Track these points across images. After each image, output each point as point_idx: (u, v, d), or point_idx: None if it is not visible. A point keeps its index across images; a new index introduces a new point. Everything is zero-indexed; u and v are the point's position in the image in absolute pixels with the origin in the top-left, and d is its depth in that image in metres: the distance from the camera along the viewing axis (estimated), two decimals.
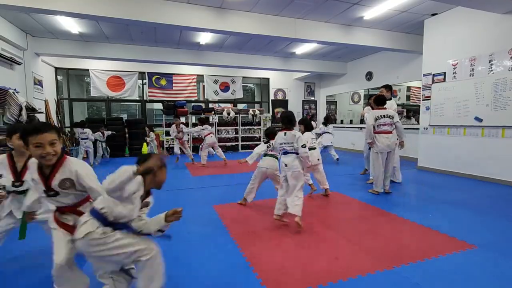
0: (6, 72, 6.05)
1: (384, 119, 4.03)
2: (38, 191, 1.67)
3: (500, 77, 4.82)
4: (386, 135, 4.02)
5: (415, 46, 6.99)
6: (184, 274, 2.06)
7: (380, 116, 4.04)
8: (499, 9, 4.68)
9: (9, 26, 6.03)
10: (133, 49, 7.96)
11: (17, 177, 2.06)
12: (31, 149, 1.51)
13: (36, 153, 1.51)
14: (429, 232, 2.77)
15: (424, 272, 2.05)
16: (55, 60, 8.48)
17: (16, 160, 2.07)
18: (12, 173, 2.06)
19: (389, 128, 4.04)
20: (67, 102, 9.20)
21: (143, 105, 10.17)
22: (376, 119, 4.05)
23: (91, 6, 4.83)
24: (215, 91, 10.57)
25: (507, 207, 3.59)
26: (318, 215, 3.31)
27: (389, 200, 3.91)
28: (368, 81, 9.37)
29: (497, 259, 2.24)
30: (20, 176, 2.06)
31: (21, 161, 2.06)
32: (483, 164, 5.13)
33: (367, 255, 2.31)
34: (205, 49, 8.46)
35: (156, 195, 1.78)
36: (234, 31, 5.84)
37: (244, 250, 2.42)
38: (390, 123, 4.04)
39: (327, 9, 5.70)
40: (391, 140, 4.01)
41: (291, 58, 9.63)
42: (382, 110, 4.11)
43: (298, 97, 11.87)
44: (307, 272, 2.06)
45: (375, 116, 4.06)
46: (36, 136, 1.48)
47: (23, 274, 2.11)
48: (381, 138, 4.03)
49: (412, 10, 5.67)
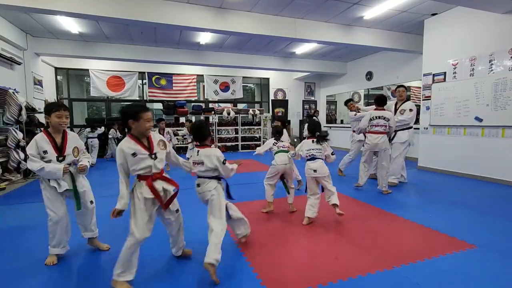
0: (6, 72, 6.05)
1: (378, 120, 4.14)
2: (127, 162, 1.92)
3: (500, 77, 4.82)
4: (377, 136, 4.13)
5: (415, 46, 6.99)
6: (184, 274, 2.06)
7: (376, 117, 4.16)
8: (499, 9, 4.68)
9: (9, 26, 6.04)
10: (133, 49, 7.96)
11: (60, 152, 2.21)
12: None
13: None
14: (429, 232, 2.77)
15: (424, 272, 2.05)
16: (55, 60, 8.49)
17: (55, 137, 2.21)
18: (55, 148, 2.19)
19: (381, 129, 4.14)
20: (67, 102, 9.18)
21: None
22: (370, 120, 4.21)
23: (91, 6, 4.83)
24: (215, 91, 10.57)
25: (507, 207, 3.59)
26: (318, 215, 3.31)
27: (389, 200, 3.91)
28: (368, 81, 9.37)
29: (497, 259, 2.24)
30: (62, 151, 2.22)
31: (58, 137, 2.22)
32: (483, 164, 5.12)
33: (367, 255, 2.31)
34: (205, 49, 8.46)
35: None
36: (234, 31, 5.84)
37: (244, 250, 2.42)
38: (383, 125, 4.13)
39: (327, 9, 5.70)
40: (380, 141, 4.10)
41: (291, 58, 9.63)
42: (379, 111, 4.20)
43: (298, 97, 11.87)
44: (307, 272, 2.06)
45: (371, 116, 4.20)
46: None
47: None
48: (371, 137, 4.18)
49: (412, 10, 5.67)
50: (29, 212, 3.55)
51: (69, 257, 2.34)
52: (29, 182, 5.34)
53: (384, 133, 4.14)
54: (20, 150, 5.45)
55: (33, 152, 2.13)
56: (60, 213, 2.21)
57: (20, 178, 5.53)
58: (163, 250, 2.37)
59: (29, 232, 2.29)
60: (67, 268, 2.20)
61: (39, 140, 2.16)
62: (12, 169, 5.37)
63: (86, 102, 10.77)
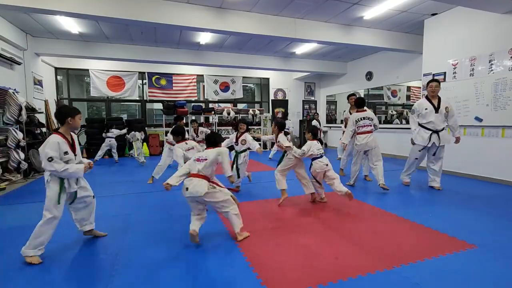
0: (6, 72, 6.05)
1: (364, 121, 4.43)
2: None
3: (500, 77, 4.82)
4: (365, 135, 4.40)
5: (415, 46, 6.99)
6: (184, 274, 2.06)
7: (360, 119, 4.45)
8: (499, 9, 4.68)
9: (9, 26, 6.03)
10: (133, 49, 7.96)
11: (73, 150, 2.39)
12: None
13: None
14: (429, 232, 2.77)
15: (424, 272, 2.05)
16: (55, 60, 8.49)
17: (67, 137, 2.37)
18: (70, 148, 2.36)
19: (369, 129, 4.44)
20: (67, 102, 9.18)
21: (143, 105, 10.17)
22: (356, 122, 4.46)
23: (91, 6, 4.83)
24: (215, 91, 10.57)
25: (507, 207, 3.59)
26: (318, 215, 3.31)
27: (389, 200, 3.92)
28: (368, 81, 9.37)
29: (497, 259, 2.23)
30: (74, 151, 2.40)
31: (69, 138, 2.40)
32: (483, 164, 5.12)
33: (367, 255, 2.31)
34: (205, 49, 8.45)
35: (156, 195, 1.77)
36: (234, 31, 5.83)
37: (244, 250, 2.42)
38: (369, 124, 4.43)
39: (327, 9, 5.70)
40: (369, 139, 4.36)
41: (291, 58, 9.63)
42: (362, 112, 4.49)
43: (298, 97, 11.87)
44: (307, 272, 2.06)
45: (355, 119, 4.45)
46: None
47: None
48: (360, 137, 4.44)
49: (412, 10, 5.67)
50: (29, 212, 3.55)
51: (65, 253, 2.35)
52: (29, 182, 5.34)
53: (371, 132, 4.42)
54: (20, 150, 5.46)
55: (56, 154, 2.22)
56: (59, 214, 2.29)
57: (20, 178, 5.53)
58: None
59: (29, 232, 2.30)
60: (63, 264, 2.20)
61: (61, 142, 2.27)
62: (12, 169, 5.37)
63: (86, 102, 10.76)
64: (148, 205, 3.81)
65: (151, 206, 3.75)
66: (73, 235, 2.68)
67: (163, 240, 2.64)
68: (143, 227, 2.97)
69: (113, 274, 2.06)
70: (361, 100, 4.63)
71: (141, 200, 4.04)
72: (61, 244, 2.55)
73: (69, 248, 2.51)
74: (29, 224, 2.34)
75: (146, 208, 3.66)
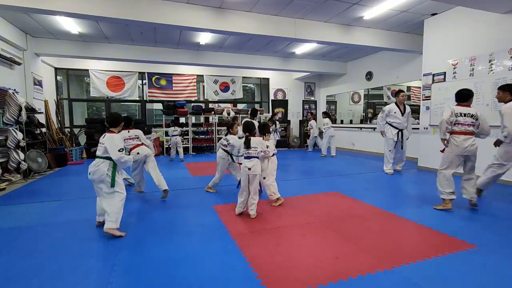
0: (6, 72, 6.05)
1: (465, 118, 3.78)
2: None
3: (500, 77, 4.82)
4: (465, 137, 3.78)
5: (415, 46, 6.99)
6: (185, 274, 2.06)
7: (460, 114, 3.78)
8: (499, 9, 4.68)
9: (9, 26, 6.03)
10: (133, 49, 7.96)
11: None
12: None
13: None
14: (429, 232, 2.77)
15: (424, 272, 2.05)
16: (54, 60, 8.48)
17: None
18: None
19: (470, 129, 3.81)
20: (67, 102, 9.19)
21: (143, 105, 10.17)
22: (455, 116, 3.76)
23: (91, 6, 4.83)
24: (215, 91, 10.57)
25: (507, 207, 3.59)
26: (318, 215, 3.31)
27: (388, 200, 3.91)
28: (368, 81, 9.37)
29: (497, 259, 2.23)
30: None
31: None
32: (483, 164, 5.10)
33: (367, 255, 2.31)
34: (205, 49, 8.46)
35: (156, 196, 1.77)
36: (234, 31, 5.83)
37: (244, 250, 2.41)
38: (472, 124, 3.80)
39: (327, 9, 5.70)
40: (469, 142, 3.73)
41: (291, 58, 9.63)
42: (464, 107, 3.83)
43: (298, 97, 11.87)
44: (307, 272, 2.06)
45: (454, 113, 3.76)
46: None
47: None
48: (459, 138, 3.73)
49: (412, 10, 5.67)
50: (28, 212, 3.54)
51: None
52: (28, 183, 5.34)
53: (472, 134, 3.82)
54: (20, 151, 5.46)
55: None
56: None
57: (20, 179, 5.52)
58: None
59: (28, 232, 2.29)
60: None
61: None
62: (12, 169, 5.37)
63: (86, 103, 10.76)
64: (148, 205, 3.81)
65: (151, 206, 3.75)
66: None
67: (163, 239, 2.64)
68: (145, 224, 2.97)
69: (114, 269, 2.06)
70: (461, 93, 3.81)
71: (141, 200, 4.05)
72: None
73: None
74: (29, 224, 2.34)
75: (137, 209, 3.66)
